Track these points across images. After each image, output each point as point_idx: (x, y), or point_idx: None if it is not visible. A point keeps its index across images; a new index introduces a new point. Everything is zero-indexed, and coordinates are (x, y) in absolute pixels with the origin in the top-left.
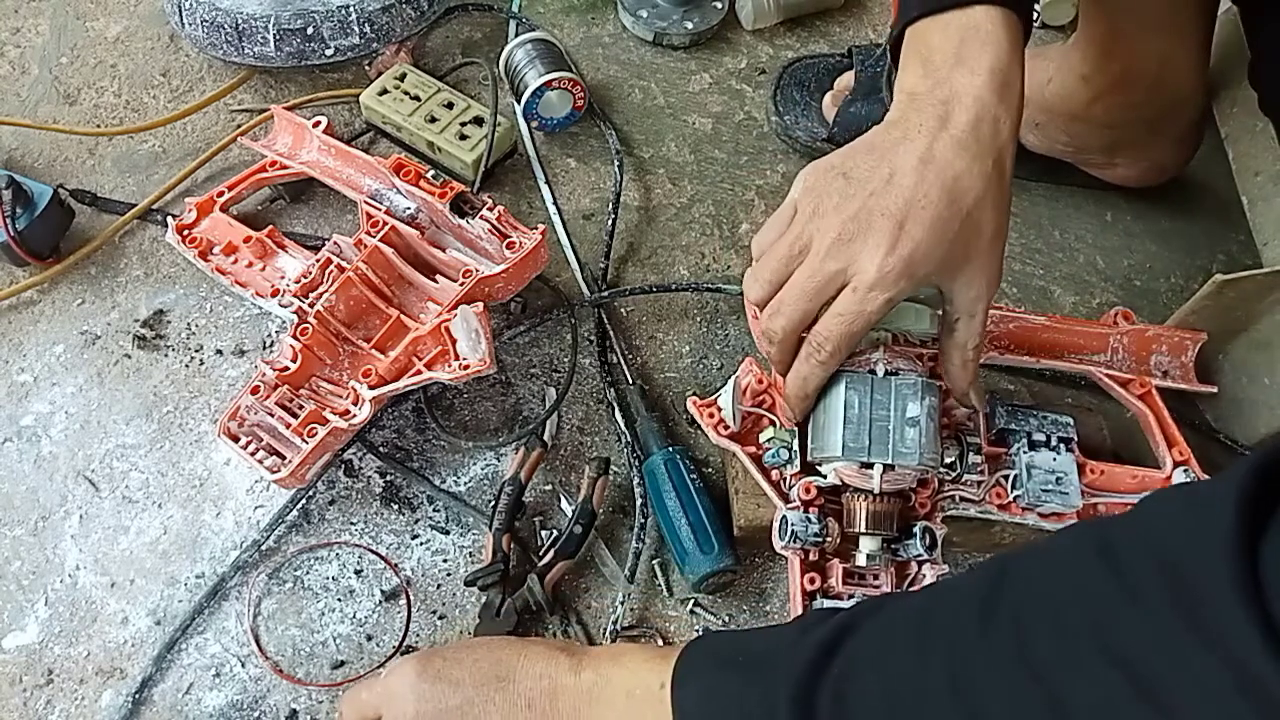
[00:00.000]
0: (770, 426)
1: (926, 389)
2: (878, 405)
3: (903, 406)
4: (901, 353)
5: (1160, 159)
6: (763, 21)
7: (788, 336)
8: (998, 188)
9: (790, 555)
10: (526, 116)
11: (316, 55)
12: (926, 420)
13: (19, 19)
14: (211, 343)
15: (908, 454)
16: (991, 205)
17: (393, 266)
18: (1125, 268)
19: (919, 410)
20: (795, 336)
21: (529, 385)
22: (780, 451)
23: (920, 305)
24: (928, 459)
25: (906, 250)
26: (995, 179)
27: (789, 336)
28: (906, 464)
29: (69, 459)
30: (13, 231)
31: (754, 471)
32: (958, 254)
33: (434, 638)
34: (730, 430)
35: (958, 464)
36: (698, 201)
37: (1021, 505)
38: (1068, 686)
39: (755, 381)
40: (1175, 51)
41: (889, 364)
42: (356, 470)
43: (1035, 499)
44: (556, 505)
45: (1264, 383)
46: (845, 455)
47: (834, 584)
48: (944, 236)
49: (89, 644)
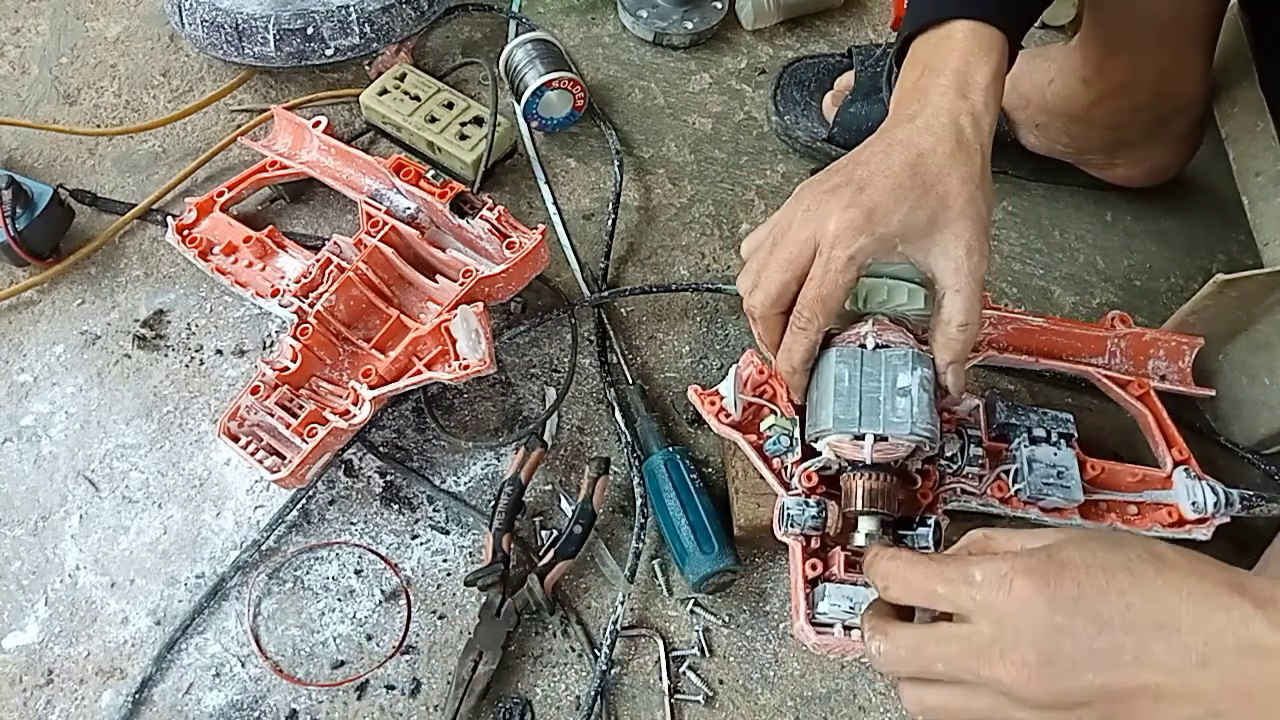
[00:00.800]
0: (771, 415)
1: (918, 360)
2: (868, 377)
3: (893, 377)
4: (891, 326)
5: (1161, 160)
6: (763, 21)
7: (768, 311)
8: (965, 165)
9: (791, 542)
10: (526, 116)
11: (316, 55)
12: (919, 390)
13: (19, 19)
14: (211, 343)
15: (899, 423)
16: (959, 179)
17: (393, 266)
18: (1125, 268)
19: (910, 380)
20: (776, 311)
21: (529, 385)
22: (781, 439)
23: (914, 285)
24: (920, 429)
25: (865, 206)
26: (962, 158)
27: (769, 311)
28: (898, 433)
29: (69, 459)
30: (13, 231)
31: (755, 460)
32: (920, 219)
33: (434, 638)
34: (732, 419)
35: (959, 456)
36: (698, 201)
37: (1023, 499)
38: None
39: (756, 372)
40: (1178, 60)
41: (879, 337)
42: (356, 470)
43: (1037, 492)
44: (556, 505)
45: (1264, 383)
46: (836, 427)
47: (836, 571)
48: (903, 199)
49: (89, 644)
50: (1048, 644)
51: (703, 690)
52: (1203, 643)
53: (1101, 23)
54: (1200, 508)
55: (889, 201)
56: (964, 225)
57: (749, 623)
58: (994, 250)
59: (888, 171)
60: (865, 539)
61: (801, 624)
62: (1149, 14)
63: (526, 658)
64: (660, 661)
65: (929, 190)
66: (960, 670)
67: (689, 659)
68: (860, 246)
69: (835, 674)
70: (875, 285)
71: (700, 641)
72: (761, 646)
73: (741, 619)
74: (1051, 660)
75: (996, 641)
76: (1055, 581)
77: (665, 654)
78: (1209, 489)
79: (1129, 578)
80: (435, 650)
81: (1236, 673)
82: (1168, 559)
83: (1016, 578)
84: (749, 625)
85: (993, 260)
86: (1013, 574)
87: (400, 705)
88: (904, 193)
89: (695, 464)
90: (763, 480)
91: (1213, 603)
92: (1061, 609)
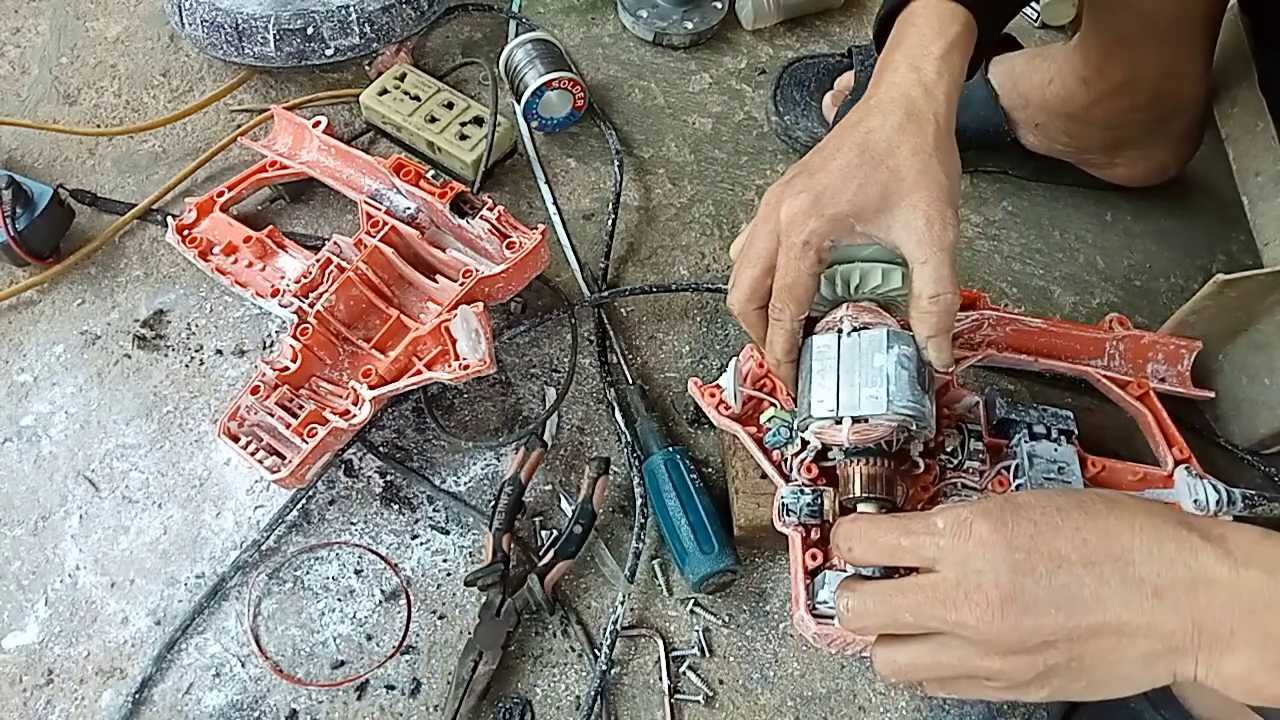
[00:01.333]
0: (771, 407)
1: (894, 338)
2: (845, 361)
3: (869, 358)
4: (868, 308)
5: (1161, 159)
6: (763, 21)
7: (745, 307)
8: (916, 136)
9: (791, 533)
10: (526, 116)
11: (316, 55)
12: (895, 368)
13: (19, 19)
14: (211, 343)
15: (875, 401)
16: (910, 151)
17: (393, 266)
18: (1125, 268)
19: (885, 359)
20: (753, 307)
21: (529, 385)
22: (781, 431)
23: (889, 265)
24: (899, 407)
25: (814, 190)
26: (912, 129)
27: (746, 307)
28: (875, 412)
29: (69, 459)
30: (13, 231)
31: (755, 452)
32: (872, 195)
33: (434, 638)
34: (731, 411)
35: (959, 451)
36: (698, 201)
37: None
38: None
39: (756, 366)
40: (1177, 60)
41: (856, 320)
42: (356, 470)
43: (1037, 487)
44: (556, 505)
45: (1264, 383)
46: (815, 413)
47: (837, 561)
48: (851, 178)
49: (89, 644)
50: (1009, 582)
51: (703, 690)
52: (1156, 574)
53: (1101, 23)
54: (1203, 505)
55: (836, 182)
56: (920, 195)
57: (749, 623)
58: (996, 248)
59: (836, 153)
60: None
61: (802, 614)
62: (1148, 14)
63: (526, 658)
64: (660, 661)
65: (879, 165)
66: (927, 618)
67: (689, 659)
68: (812, 229)
69: (835, 674)
70: (849, 270)
71: (700, 641)
72: (761, 646)
73: (741, 619)
74: (1014, 597)
75: (961, 584)
76: (1012, 522)
77: (665, 654)
78: (1211, 487)
79: (1082, 515)
80: (435, 650)
81: (1187, 603)
82: (1118, 500)
83: (975, 520)
84: (749, 625)
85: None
86: (971, 518)
87: (400, 705)
88: (852, 171)
89: (695, 464)
90: (763, 480)
91: (1163, 534)
92: (1019, 547)
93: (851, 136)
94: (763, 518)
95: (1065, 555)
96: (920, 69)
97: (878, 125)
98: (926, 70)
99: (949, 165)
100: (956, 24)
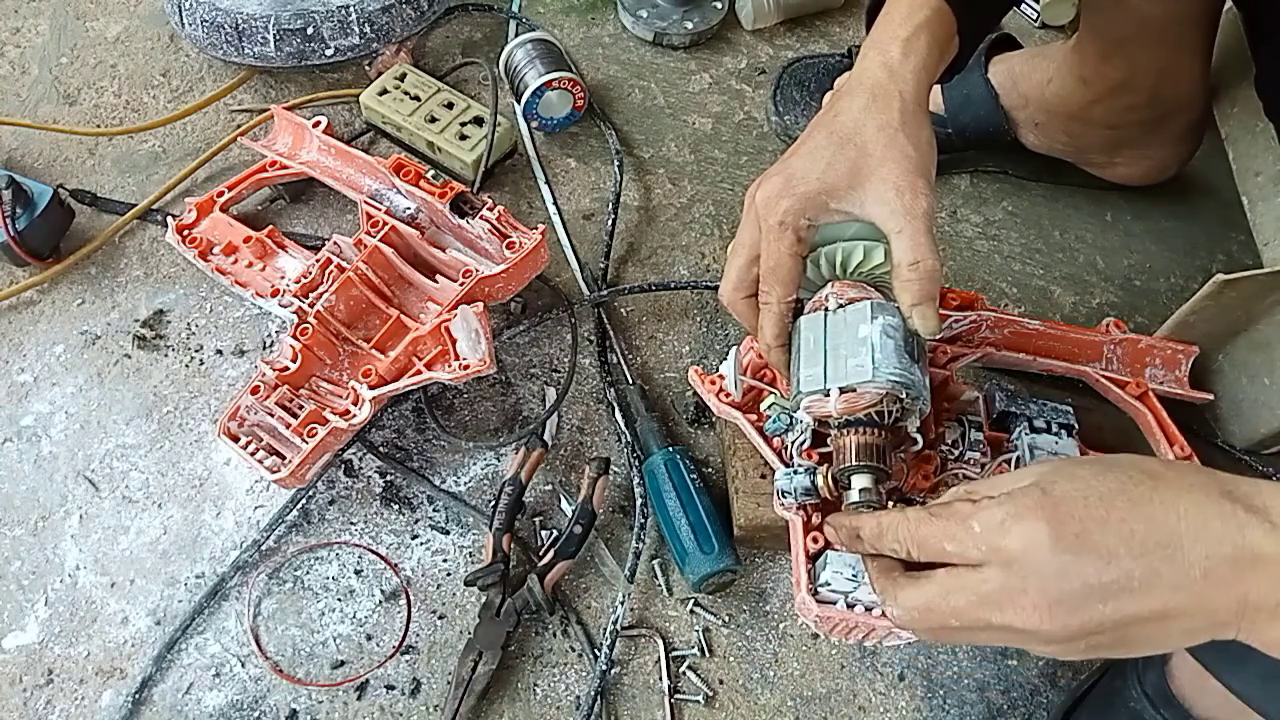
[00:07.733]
0: (771, 395)
1: (878, 309)
2: (832, 336)
3: (854, 330)
4: (854, 285)
5: (1161, 158)
6: (763, 21)
7: (733, 297)
8: (882, 113)
9: (791, 517)
10: (526, 116)
11: (316, 55)
12: (881, 338)
13: (19, 19)
14: (211, 343)
15: (861, 370)
16: (876, 127)
17: (393, 266)
18: (1125, 268)
19: (870, 329)
20: (740, 296)
21: (529, 385)
22: (781, 418)
23: (871, 242)
24: (885, 373)
25: (785, 173)
26: (877, 107)
27: (734, 296)
28: (861, 380)
29: (69, 459)
30: (13, 231)
31: (756, 439)
32: (841, 172)
33: (434, 638)
34: (732, 399)
35: (959, 443)
36: (698, 201)
37: None
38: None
39: (756, 357)
40: (1175, 60)
41: (841, 297)
42: (356, 470)
43: None
44: (556, 505)
45: (1264, 383)
46: (805, 388)
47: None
48: (819, 158)
49: (89, 644)
50: (1057, 585)
51: (703, 690)
52: (1204, 556)
53: (1097, 23)
54: None
55: (805, 163)
56: (889, 168)
57: (749, 623)
58: (996, 248)
59: (807, 139)
60: (860, 495)
61: (804, 596)
62: (1146, 14)
63: (526, 658)
64: (660, 661)
65: (845, 144)
66: (972, 621)
67: (689, 659)
68: (785, 209)
69: (835, 674)
70: (833, 251)
71: (700, 641)
72: (761, 646)
73: (741, 619)
74: (1061, 600)
75: (1005, 588)
76: (1055, 519)
77: (665, 654)
78: None
79: (1127, 503)
80: (435, 650)
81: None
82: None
83: (1014, 523)
84: (749, 625)
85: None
86: (1009, 519)
87: (400, 705)
88: (820, 151)
89: (695, 464)
90: (763, 480)
91: (1208, 511)
92: (1066, 547)
93: (821, 122)
94: (763, 518)
95: (1113, 550)
96: (886, 52)
97: (844, 108)
98: (892, 52)
99: (918, 139)
100: (926, 9)
